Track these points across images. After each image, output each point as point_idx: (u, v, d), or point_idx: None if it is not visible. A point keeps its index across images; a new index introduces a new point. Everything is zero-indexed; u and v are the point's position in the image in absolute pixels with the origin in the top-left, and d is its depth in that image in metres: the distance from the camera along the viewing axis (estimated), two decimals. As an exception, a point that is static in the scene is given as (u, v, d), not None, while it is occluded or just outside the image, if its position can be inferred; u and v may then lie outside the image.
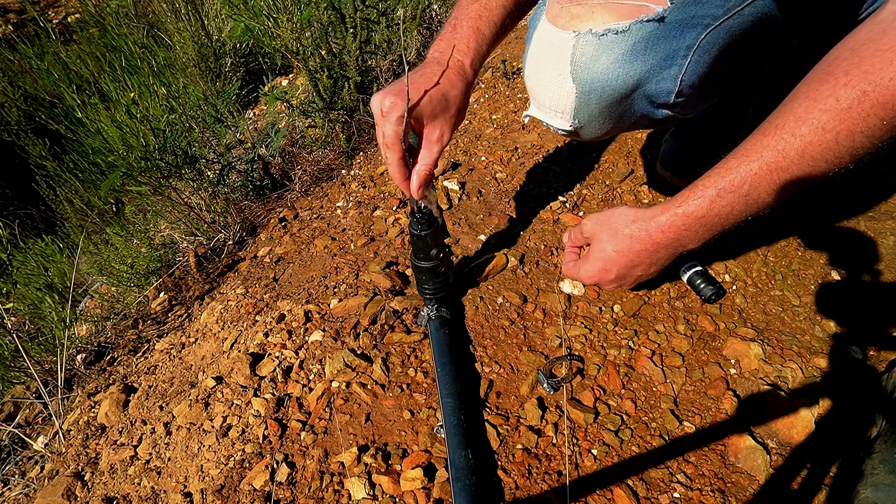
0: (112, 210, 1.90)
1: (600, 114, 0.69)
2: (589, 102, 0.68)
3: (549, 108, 0.72)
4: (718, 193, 0.58)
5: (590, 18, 0.63)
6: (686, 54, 0.64)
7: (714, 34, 0.64)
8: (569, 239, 0.79)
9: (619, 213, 0.69)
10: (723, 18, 0.63)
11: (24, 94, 2.27)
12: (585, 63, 0.64)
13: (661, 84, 0.66)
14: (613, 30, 0.62)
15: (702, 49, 0.64)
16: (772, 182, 0.54)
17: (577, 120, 0.71)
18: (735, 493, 0.63)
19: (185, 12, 1.96)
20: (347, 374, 0.83)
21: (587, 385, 0.77)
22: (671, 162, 1.06)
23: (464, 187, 1.21)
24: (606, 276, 0.71)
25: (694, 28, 0.63)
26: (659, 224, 0.64)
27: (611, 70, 0.64)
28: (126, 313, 1.27)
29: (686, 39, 0.63)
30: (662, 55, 0.64)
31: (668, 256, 0.67)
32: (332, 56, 1.50)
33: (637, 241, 0.66)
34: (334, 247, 1.14)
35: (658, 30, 0.62)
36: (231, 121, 1.78)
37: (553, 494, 0.65)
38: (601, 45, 0.63)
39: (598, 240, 0.71)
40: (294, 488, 0.71)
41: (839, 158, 0.50)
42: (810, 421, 0.68)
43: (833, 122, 0.48)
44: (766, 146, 0.54)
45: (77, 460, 0.87)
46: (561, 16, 0.65)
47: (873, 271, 0.87)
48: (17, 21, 3.44)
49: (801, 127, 0.50)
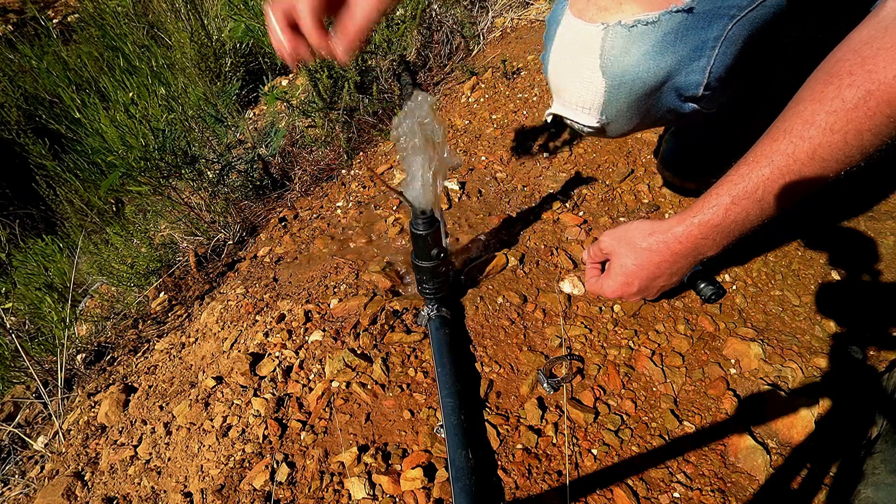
0: (112, 210, 1.90)
1: (629, 108, 0.69)
2: (619, 97, 0.67)
3: (576, 104, 0.71)
4: (733, 200, 0.58)
5: (618, 10, 0.62)
6: (714, 45, 0.63)
7: (740, 25, 0.63)
8: (588, 256, 0.80)
9: (635, 228, 0.69)
10: (748, 9, 0.62)
11: (24, 94, 2.27)
12: (616, 56, 0.63)
13: (690, 76, 0.66)
14: (643, 21, 0.61)
15: (729, 40, 0.64)
16: (785, 185, 0.54)
17: (605, 116, 0.70)
18: (735, 493, 0.63)
19: (185, 12, 1.96)
20: (347, 373, 0.83)
21: (587, 385, 0.77)
22: (672, 162, 1.06)
23: (464, 187, 1.21)
24: (629, 289, 0.71)
25: (721, 19, 0.62)
26: (676, 235, 0.64)
27: (642, 62, 0.63)
28: (126, 313, 1.27)
29: (714, 30, 0.63)
30: (692, 46, 0.63)
31: (688, 265, 0.68)
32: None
33: (656, 253, 0.67)
34: (334, 246, 1.14)
35: (687, 20, 0.61)
36: (231, 121, 1.77)
37: (553, 494, 0.65)
38: (631, 36, 0.62)
39: (618, 255, 0.71)
40: (294, 488, 0.71)
41: (849, 158, 0.50)
42: (810, 421, 0.68)
43: (840, 123, 0.48)
44: (776, 151, 0.54)
45: (77, 460, 0.87)
46: (587, 9, 0.64)
47: (873, 271, 0.87)
48: (17, 21, 3.44)
49: (809, 129, 0.50)
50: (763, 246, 0.94)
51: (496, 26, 1.88)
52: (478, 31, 1.84)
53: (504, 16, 1.91)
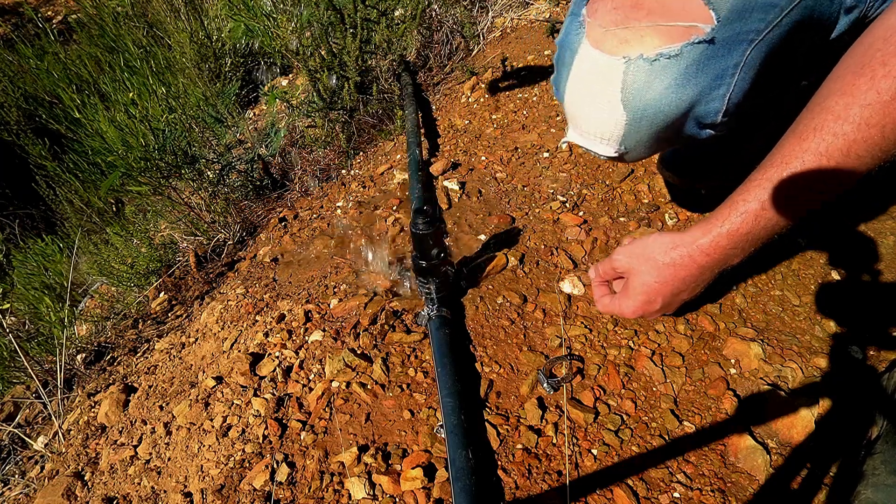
0: (112, 210, 1.90)
1: (649, 139, 0.68)
2: (640, 129, 0.66)
3: (594, 135, 0.70)
4: (762, 206, 0.55)
5: (639, 43, 0.60)
6: (734, 72, 0.62)
7: (758, 49, 0.62)
8: (596, 274, 0.76)
9: (654, 242, 0.66)
10: (765, 32, 0.61)
11: (24, 94, 2.27)
12: (638, 90, 0.62)
13: (709, 105, 0.64)
14: (665, 54, 0.59)
15: (747, 65, 0.62)
16: (818, 185, 0.52)
17: (624, 146, 0.69)
18: (735, 493, 0.63)
19: (185, 12, 1.96)
20: (347, 373, 0.83)
21: (587, 385, 0.77)
22: (672, 162, 1.06)
23: (464, 187, 1.21)
24: (651, 307, 0.69)
25: (741, 44, 0.61)
26: (702, 247, 0.61)
27: (664, 96, 0.62)
28: (126, 313, 1.27)
29: (734, 57, 0.62)
30: (713, 76, 0.62)
31: (712, 276, 0.65)
32: (332, 56, 1.50)
33: (681, 267, 0.64)
34: (334, 246, 1.14)
35: (708, 50, 0.60)
36: (231, 121, 1.77)
37: (553, 494, 0.65)
38: (653, 70, 0.61)
39: (637, 273, 0.68)
40: (294, 488, 0.71)
41: (885, 152, 0.48)
42: (810, 421, 0.68)
43: (878, 117, 0.46)
44: (806, 150, 0.51)
45: (77, 460, 0.87)
46: (606, 40, 0.63)
47: (873, 271, 0.87)
48: (17, 21, 3.44)
49: (843, 125, 0.48)
50: (762, 246, 0.94)
51: (496, 26, 1.88)
52: (478, 31, 1.84)
53: (504, 16, 1.91)
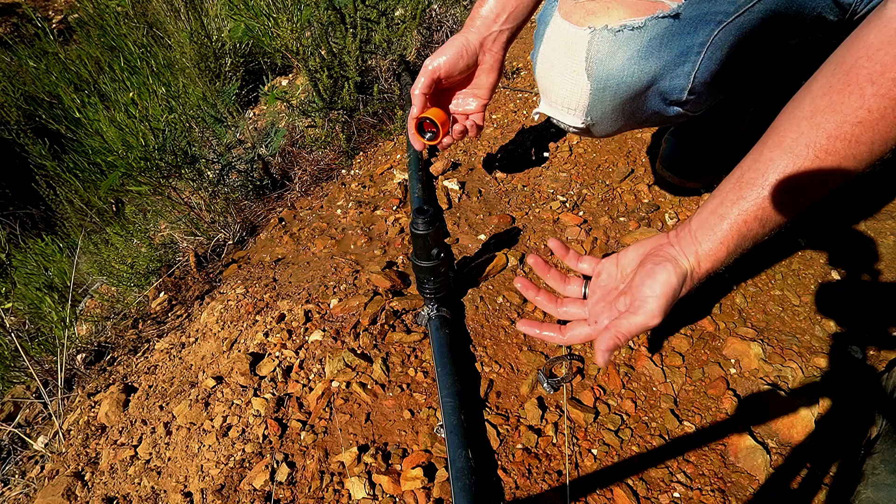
0: (112, 210, 1.90)
1: (613, 110, 0.69)
2: (603, 99, 0.68)
3: (562, 104, 0.72)
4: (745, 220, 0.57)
5: (605, 14, 0.62)
6: (699, 51, 0.64)
7: (726, 31, 0.64)
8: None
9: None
10: (734, 15, 0.63)
11: (23, 94, 2.27)
12: (601, 59, 0.64)
13: (674, 81, 0.66)
14: (629, 26, 0.62)
15: (714, 46, 0.64)
16: (802, 193, 0.53)
17: (590, 117, 0.71)
18: (735, 493, 0.63)
19: (185, 12, 1.96)
20: (347, 373, 0.83)
21: (587, 385, 0.77)
22: (672, 161, 1.06)
23: (464, 187, 1.21)
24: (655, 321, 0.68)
25: (707, 25, 0.63)
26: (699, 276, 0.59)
27: (626, 67, 0.64)
28: (126, 313, 1.27)
29: (699, 36, 0.63)
30: (677, 52, 0.64)
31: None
32: (332, 56, 1.50)
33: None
34: (334, 246, 1.14)
35: (673, 26, 0.62)
36: (231, 121, 1.78)
37: (553, 494, 0.65)
38: (617, 41, 0.63)
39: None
40: (294, 488, 0.71)
41: (870, 162, 0.50)
42: (810, 421, 0.68)
43: (868, 134, 0.48)
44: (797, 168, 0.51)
45: (77, 460, 0.87)
46: (575, 11, 0.65)
47: (873, 271, 0.87)
48: (17, 21, 3.44)
49: (835, 143, 0.49)
50: (763, 245, 0.94)
51: (496, 26, 1.88)
52: (478, 31, 1.83)
53: (504, 16, 1.91)
